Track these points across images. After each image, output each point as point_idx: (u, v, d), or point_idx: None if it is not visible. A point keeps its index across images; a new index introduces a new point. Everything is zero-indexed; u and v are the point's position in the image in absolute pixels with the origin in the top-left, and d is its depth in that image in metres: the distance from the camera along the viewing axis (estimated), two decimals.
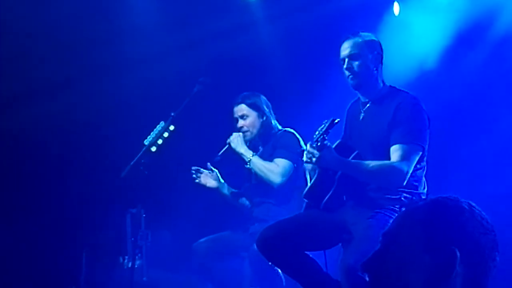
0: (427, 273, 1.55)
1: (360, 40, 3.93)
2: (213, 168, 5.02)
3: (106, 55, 5.77)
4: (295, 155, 4.73)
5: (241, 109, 4.97)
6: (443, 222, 1.58)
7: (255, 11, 6.16)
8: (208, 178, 5.03)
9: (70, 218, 5.68)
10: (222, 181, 5.06)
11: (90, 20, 5.70)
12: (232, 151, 4.90)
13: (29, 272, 5.49)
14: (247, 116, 4.95)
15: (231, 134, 4.93)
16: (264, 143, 4.98)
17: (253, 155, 4.82)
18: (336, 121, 3.75)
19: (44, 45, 5.60)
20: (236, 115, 4.99)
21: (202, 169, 5.03)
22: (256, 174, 4.86)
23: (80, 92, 5.70)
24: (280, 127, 4.98)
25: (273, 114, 5.01)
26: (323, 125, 3.75)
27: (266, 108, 4.98)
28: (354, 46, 3.91)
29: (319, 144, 3.63)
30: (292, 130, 4.89)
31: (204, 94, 5.06)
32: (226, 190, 5.09)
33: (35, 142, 5.67)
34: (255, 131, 4.96)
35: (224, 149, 4.91)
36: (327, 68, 4.08)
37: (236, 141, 4.88)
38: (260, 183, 4.90)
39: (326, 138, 3.66)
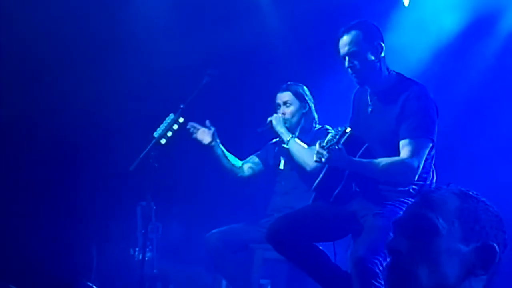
0: (465, 264, 1.53)
1: (358, 33, 3.81)
2: (211, 127, 4.94)
3: (115, 47, 5.78)
4: None
5: (286, 96, 4.96)
6: (480, 215, 1.57)
7: (263, 2, 6.14)
8: (205, 135, 4.94)
9: (81, 211, 5.70)
10: (218, 140, 4.97)
11: (99, 11, 5.69)
12: (271, 128, 4.88)
13: (39, 265, 5.51)
14: (291, 104, 4.94)
15: (273, 114, 4.91)
16: (301, 133, 4.94)
17: (292, 137, 4.80)
18: (347, 130, 3.74)
19: (53, 36, 5.60)
20: (279, 101, 4.98)
21: (199, 125, 4.96)
22: (290, 158, 4.84)
23: (89, 85, 5.70)
24: (317, 123, 4.97)
25: (314, 107, 5.00)
26: (335, 133, 3.73)
27: (309, 100, 4.97)
28: (352, 43, 3.81)
29: (330, 148, 3.62)
30: (330, 129, 4.87)
31: (213, 86, 5.04)
32: (219, 150, 5.00)
33: (45, 135, 5.68)
34: (294, 120, 4.94)
35: (265, 126, 4.87)
36: (335, 59, 4.04)
37: (277, 120, 4.85)
38: (289, 171, 4.92)
39: (337, 147, 3.64)
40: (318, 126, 4.98)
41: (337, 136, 3.69)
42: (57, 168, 5.77)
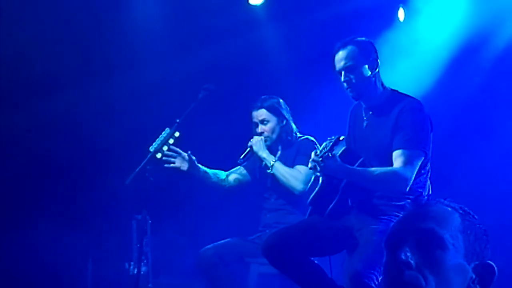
0: (467, 281, 1.52)
1: (354, 49, 3.86)
2: (192, 156, 4.87)
3: (111, 60, 5.78)
4: None
5: (261, 113, 4.91)
6: (479, 233, 1.57)
7: (259, 15, 6.16)
8: (184, 162, 4.89)
9: (76, 224, 5.68)
10: (197, 165, 4.92)
11: (94, 26, 5.70)
12: (253, 155, 4.87)
13: (35, 279, 5.49)
14: (268, 121, 4.90)
15: (252, 137, 4.89)
16: (284, 147, 4.94)
17: (275, 160, 4.78)
18: (341, 138, 3.75)
19: (49, 48, 5.60)
20: (255, 120, 4.94)
21: (180, 150, 4.88)
22: (276, 179, 4.81)
23: (85, 98, 5.71)
24: (298, 132, 4.96)
25: (291, 118, 4.97)
26: (328, 141, 3.74)
27: (285, 112, 4.93)
28: (348, 57, 3.85)
29: (325, 156, 3.63)
30: (313, 138, 4.85)
31: (209, 100, 5.05)
32: (200, 173, 4.96)
33: (40, 148, 5.67)
34: (274, 136, 4.90)
35: (246, 152, 4.85)
36: (330, 72, 4.06)
37: (258, 145, 4.82)
38: (277, 188, 4.89)
39: (331, 155, 3.64)
40: (300, 136, 4.96)
41: (330, 144, 3.70)
42: (53, 181, 5.76)
